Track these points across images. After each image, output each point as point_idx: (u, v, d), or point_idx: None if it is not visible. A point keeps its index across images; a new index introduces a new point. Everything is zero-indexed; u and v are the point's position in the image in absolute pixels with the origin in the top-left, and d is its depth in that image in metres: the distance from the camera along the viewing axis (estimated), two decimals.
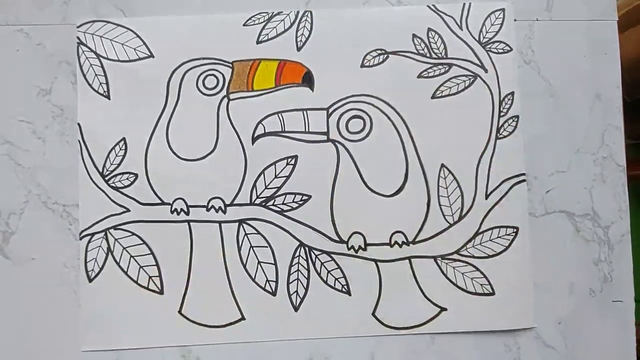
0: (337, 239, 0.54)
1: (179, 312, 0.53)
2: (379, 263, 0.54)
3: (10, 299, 0.54)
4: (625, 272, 0.55)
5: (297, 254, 0.54)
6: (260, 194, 0.54)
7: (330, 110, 0.55)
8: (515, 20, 0.57)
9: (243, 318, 0.54)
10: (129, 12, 0.56)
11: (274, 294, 0.54)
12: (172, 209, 0.54)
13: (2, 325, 0.53)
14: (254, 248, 0.54)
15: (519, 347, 0.54)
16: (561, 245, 0.55)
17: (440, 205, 0.55)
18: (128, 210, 0.54)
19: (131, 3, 0.56)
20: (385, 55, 0.56)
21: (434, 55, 0.56)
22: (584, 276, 0.55)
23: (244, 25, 0.56)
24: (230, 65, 0.55)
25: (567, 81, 0.56)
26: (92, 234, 0.54)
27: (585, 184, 0.56)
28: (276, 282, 0.54)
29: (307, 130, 0.55)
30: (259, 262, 0.54)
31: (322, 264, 0.54)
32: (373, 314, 0.54)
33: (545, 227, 0.55)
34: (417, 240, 0.55)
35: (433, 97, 0.56)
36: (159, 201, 0.54)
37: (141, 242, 0.54)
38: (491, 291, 0.54)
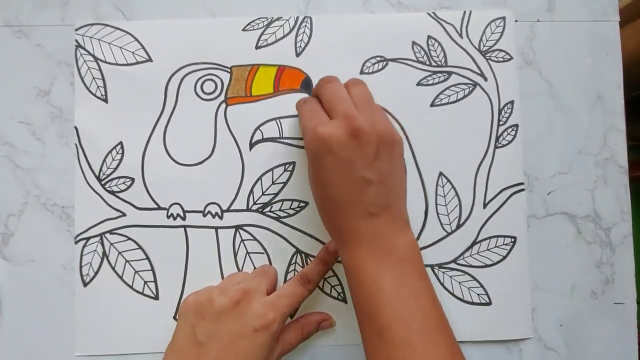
0: None
1: (174, 318, 0.53)
2: None
3: (10, 301, 0.53)
4: (627, 274, 0.55)
5: (294, 260, 0.54)
6: (257, 200, 0.54)
7: None
8: (516, 21, 0.56)
9: None
10: (128, 13, 0.56)
11: None
12: (169, 214, 0.54)
13: (1, 327, 0.54)
14: (250, 254, 0.54)
15: (520, 349, 0.54)
16: (562, 247, 0.55)
17: (438, 213, 0.55)
18: (124, 215, 0.54)
19: (131, 4, 0.56)
20: (385, 63, 0.55)
21: (433, 63, 0.55)
22: (586, 278, 0.55)
23: (243, 30, 0.55)
24: (229, 70, 0.55)
25: (569, 82, 0.56)
26: (88, 238, 0.54)
27: (587, 185, 0.56)
28: None
29: None
30: (255, 269, 0.54)
31: None
32: None
33: (546, 229, 0.55)
34: None
35: (432, 104, 0.55)
36: (156, 206, 0.54)
37: (137, 246, 0.54)
38: (488, 301, 0.54)
